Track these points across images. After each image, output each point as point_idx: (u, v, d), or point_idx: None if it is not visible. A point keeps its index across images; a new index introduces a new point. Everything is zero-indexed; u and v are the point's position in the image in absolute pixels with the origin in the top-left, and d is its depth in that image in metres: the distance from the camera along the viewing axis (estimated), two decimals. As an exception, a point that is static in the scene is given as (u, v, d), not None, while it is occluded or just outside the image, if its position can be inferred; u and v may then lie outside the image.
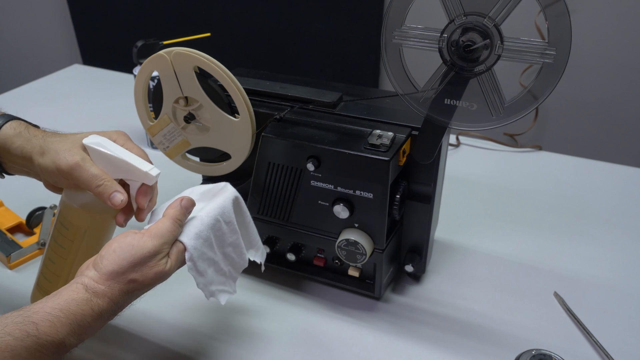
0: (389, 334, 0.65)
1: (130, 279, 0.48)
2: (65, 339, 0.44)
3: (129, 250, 0.48)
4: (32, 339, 0.42)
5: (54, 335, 0.43)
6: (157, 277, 0.50)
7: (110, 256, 0.48)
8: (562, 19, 0.48)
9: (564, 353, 0.59)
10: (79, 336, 0.45)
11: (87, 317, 0.45)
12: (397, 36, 0.55)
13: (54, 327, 0.44)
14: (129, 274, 0.48)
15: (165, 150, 0.72)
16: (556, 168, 1.00)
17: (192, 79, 0.65)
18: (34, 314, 0.44)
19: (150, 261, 0.49)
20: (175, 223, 0.52)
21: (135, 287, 0.49)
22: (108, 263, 0.48)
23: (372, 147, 0.59)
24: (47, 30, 2.31)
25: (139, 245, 0.49)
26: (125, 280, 0.48)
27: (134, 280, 0.48)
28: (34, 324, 0.43)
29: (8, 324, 0.43)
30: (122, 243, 0.49)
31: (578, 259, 0.77)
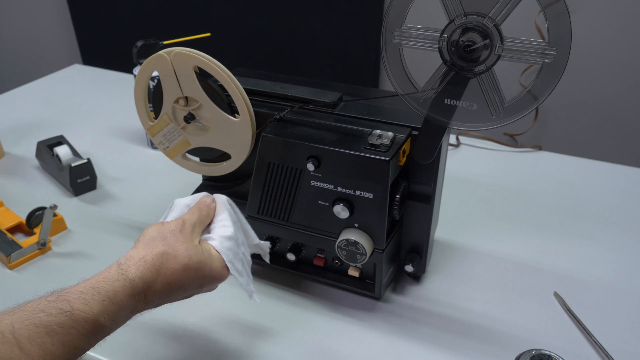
0: (389, 334, 0.65)
1: (162, 251, 0.50)
2: (99, 317, 0.45)
3: (157, 227, 0.53)
4: (65, 315, 0.43)
5: (87, 312, 0.44)
6: (189, 251, 0.51)
7: (142, 235, 0.53)
8: (562, 19, 0.48)
9: (564, 353, 0.59)
10: (112, 315, 0.46)
11: (119, 293, 0.46)
12: (397, 36, 0.55)
13: (87, 304, 0.44)
14: (161, 245, 0.51)
15: (165, 150, 0.72)
16: (556, 168, 1.00)
17: (192, 79, 0.65)
18: (67, 292, 0.45)
19: (180, 233, 0.52)
20: (197, 207, 0.57)
21: (170, 261, 0.50)
22: (143, 237, 0.52)
23: (372, 147, 0.59)
24: (47, 30, 2.30)
25: (167, 224, 0.54)
26: (157, 251, 0.50)
27: (166, 253, 0.50)
28: (67, 301, 0.44)
29: (41, 302, 0.44)
30: (150, 226, 0.54)
31: (578, 259, 0.77)
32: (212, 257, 0.54)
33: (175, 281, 0.50)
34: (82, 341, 0.44)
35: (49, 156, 0.94)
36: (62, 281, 0.72)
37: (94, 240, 0.81)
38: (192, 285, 0.53)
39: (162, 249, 0.50)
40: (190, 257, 0.51)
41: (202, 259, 0.52)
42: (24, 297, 0.69)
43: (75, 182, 0.90)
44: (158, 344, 0.63)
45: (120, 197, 0.91)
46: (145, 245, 0.51)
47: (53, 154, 0.94)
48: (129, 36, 1.33)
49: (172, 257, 0.50)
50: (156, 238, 0.52)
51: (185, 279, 0.51)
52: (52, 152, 0.94)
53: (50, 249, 0.78)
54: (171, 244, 0.51)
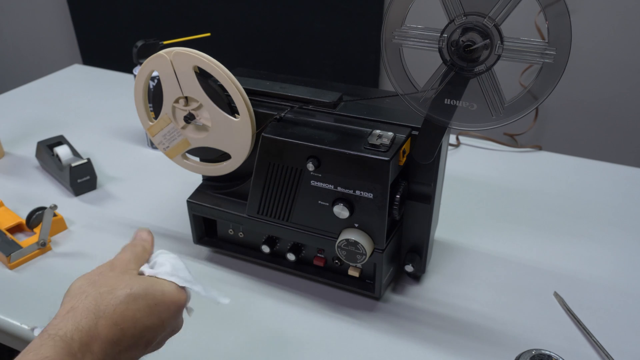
0: (389, 334, 0.65)
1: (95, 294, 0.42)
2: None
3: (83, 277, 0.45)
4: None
5: None
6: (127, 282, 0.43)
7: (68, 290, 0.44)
8: (562, 19, 0.48)
9: (564, 353, 0.59)
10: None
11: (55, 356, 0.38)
12: (397, 36, 0.55)
13: None
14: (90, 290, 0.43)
15: (165, 150, 0.72)
16: (556, 168, 1.00)
17: (192, 79, 0.65)
18: None
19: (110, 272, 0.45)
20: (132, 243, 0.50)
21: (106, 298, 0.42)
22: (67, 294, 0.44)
23: (372, 147, 0.59)
24: (47, 30, 2.30)
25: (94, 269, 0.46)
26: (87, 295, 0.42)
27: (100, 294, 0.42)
28: None
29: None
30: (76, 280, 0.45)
31: (578, 259, 0.77)
32: (158, 282, 0.45)
33: (123, 318, 0.41)
34: None
35: (49, 156, 0.94)
36: (62, 281, 0.73)
37: (94, 240, 0.81)
38: (149, 320, 0.43)
39: (93, 292, 0.42)
40: (130, 286, 0.43)
41: (147, 284, 0.44)
42: (23, 297, 0.70)
43: (75, 182, 0.90)
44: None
45: (120, 197, 0.91)
46: (72, 297, 0.42)
47: (53, 154, 0.94)
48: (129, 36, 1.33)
49: (107, 293, 0.42)
50: (83, 285, 0.43)
51: (135, 312, 0.42)
52: (52, 152, 0.94)
53: (50, 249, 0.78)
54: (103, 283, 0.43)
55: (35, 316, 0.67)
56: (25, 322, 0.66)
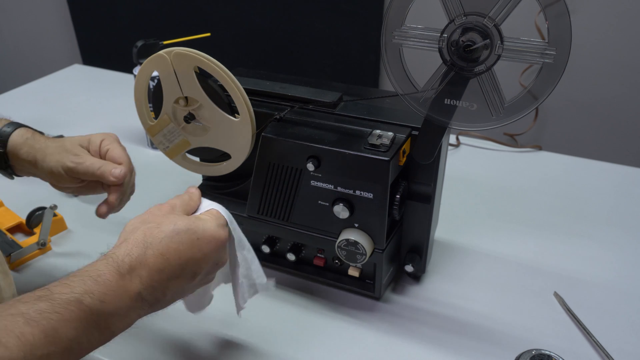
0: (389, 334, 0.65)
1: (144, 227, 0.48)
2: (83, 297, 0.41)
3: (137, 217, 0.51)
4: (44, 301, 0.39)
5: (67, 292, 0.40)
6: (172, 219, 0.49)
7: (124, 228, 0.50)
8: (562, 19, 0.48)
9: (564, 353, 0.59)
10: (101, 296, 0.42)
11: (103, 272, 0.43)
12: (397, 36, 0.55)
13: (67, 286, 0.41)
14: (140, 225, 0.48)
15: (165, 150, 0.72)
16: (556, 168, 1.00)
17: (192, 79, 0.65)
18: (47, 286, 0.42)
19: (159, 210, 0.51)
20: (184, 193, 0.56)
21: (153, 231, 0.47)
22: (123, 231, 0.49)
23: (372, 147, 0.59)
24: (47, 30, 2.30)
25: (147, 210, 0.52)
26: (137, 229, 0.48)
27: (148, 228, 0.47)
28: (46, 289, 0.41)
29: (23, 295, 0.40)
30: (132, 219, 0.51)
31: (578, 259, 0.77)
32: (200, 219, 0.50)
33: (167, 249, 0.46)
34: (69, 329, 0.39)
35: (49, 156, 0.94)
36: (62, 281, 0.73)
37: (94, 240, 0.81)
38: (191, 252, 0.48)
39: (143, 227, 0.48)
40: (174, 222, 0.48)
41: (190, 221, 0.49)
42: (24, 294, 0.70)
43: (75, 182, 0.90)
44: (156, 348, 0.63)
45: (120, 197, 0.91)
46: (126, 233, 0.49)
47: (53, 154, 0.94)
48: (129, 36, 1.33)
49: (154, 227, 0.47)
50: (135, 223, 0.49)
51: (178, 244, 0.47)
52: (52, 152, 0.94)
53: (50, 249, 0.78)
54: (152, 220, 0.49)
55: (35, 316, 0.67)
56: (25, 322, 0.66)
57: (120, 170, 0.62)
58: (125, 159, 0.65)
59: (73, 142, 0.65)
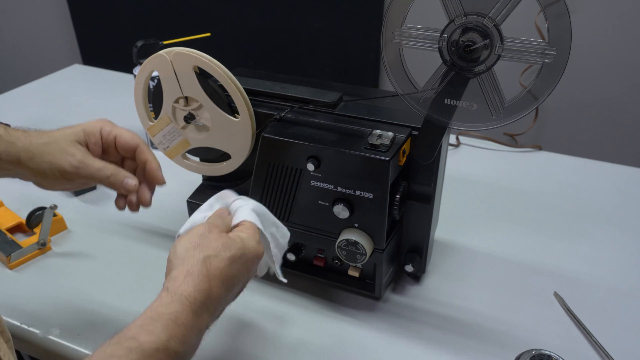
0: (389, 334, 0.65)
1: (203, 257, 0.47)
2: (169, 343, 0.42)
3: (185, 238, 0.50)
4: (136, 353, 0.40)
5: (156, 341, 0.42)
6: (229, 242, 0.49)
7: (173, 254, 0.49)
8: (562, 19, 0.48)
9: (564, 353, 0.59)
10: (182, 338, 0.43)
11: (180, 314, 0.44)
12: (397, 36, 0.55)
13: (152, 333, 0.42)
14: (197, 253, 0.48)
15: (165, 150, 0.72)
16: (556, 168, 1.00)
17: (192, 79, 0.65)
18: (128, 330, 0.42)
19: (210, 234, 0.50)
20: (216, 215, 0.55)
21: (215, 262, 0.47)
22: (174, 257, 0.48)
23: (372, 147, 0.59)
24: (47, 30, 2.30)
25: (192, 230, 0.51)
26: (198, 260, 0.47)
27: (208, 257, 0.47)
28: (132, 339, 0.41)
29: (107, 347, 0.41)
30: (177, 242, 0.50)
31: (578, 259, 0.77)
32: (244, 239, 0.51)
33: (228, 278, 0.48)
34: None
35: (49, 156, 0.94)
36: (62, 281, 0.73)
37: (94, 240, 0.81)
38: (242, 274, 0.51)
39: (201, 255, 0.47)
40: (229, 248, 0.49)
41: (239, 245, 0.50)
42: (24, 297, 0.70)
43: (75, 182, 0.90)
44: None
45: (120, 197, 0.91)
46: (182, 260, 0.48)
47: (53, 154, 0.94)
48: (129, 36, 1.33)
49: (214, 257, 0.48)
50: (189, 249, 0.48)
51: (235, 271, 0.49)
52: (52, 152, 0.94)
53: (50, 249, 0.78)
54: (207, 246, 0.48)
55: (35, 316, 0.67)
56: (25, 322, 0.66)
57: (134, 182, 0.60)
58: (137, 139, 0.62)
59: (67, 139, 0.59)
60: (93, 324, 0.66)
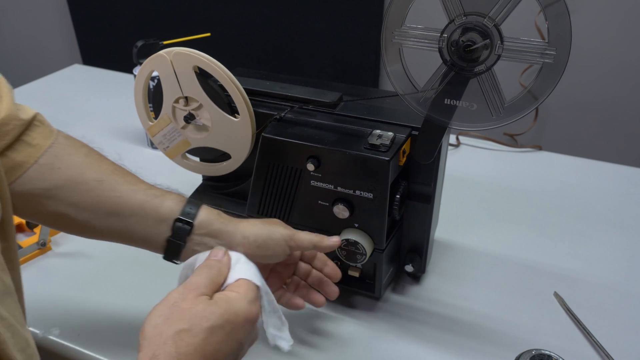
0: (389, 334, 0.65)
1: (173, 333, 0.40)
2: None
3: (154, 309, 0.43)
4: None
5: None
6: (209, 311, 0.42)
7: (142, 329, 0.42)
8: (562, 19, 0.48)
9: (564, 353, 0.59)
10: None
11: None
12: (397, 36, 0.55)
13: None
14: (167, 328, 0.40)
15: (165, 150, 0.72)
16: (556, 168, 1.00)
17: (192, 79, 0.65)
18: None
19: (183, 302, 0.42)
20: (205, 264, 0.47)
21: (188, 339, 0.40)
22: (143, 336, 0.41)
23: (372, 147, 0.59)
24: (47, 30, 2.30)
25: (166, 297, 0.43)
26: (167, 337, 0.40)
27: (179, 332, 0.40)
28: None
29: None
30: (148, 314, 0.43)
31: (578, 259, 0.77)
32: (231, 300, 0.44)
33: (204, 354, 0.40)
34: None
35: (49, 156, 0.94)
36: (62, 281, 0.73)
37: (94, 240, 0.80)
38: (228, 346, 0.42)
39: (170, 330, 0.40)
40: (207, 317, 0.41)
41: (222, 310, 0.42)
42: (24, 297, 0.69)
43: (75, 182, 0.90)
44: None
45: (120, 197, 0.91)
46: (149, 341, 0.40)
47: (53, 154, 0.94)
48: (129, 36, 1.33)
49: (186, 332, 0.40)
50: (158, 325, 0.41)
51: (215, 344, 0.41)
52: (52, 152, 0.94)
53: (50, 249, 0.78)
54: (178, 318, 0.41)
55: (35, 316, 0.67)
56: (25, 322, 0.66)
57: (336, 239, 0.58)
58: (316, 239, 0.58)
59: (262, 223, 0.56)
60: (93, 324, 0.66)
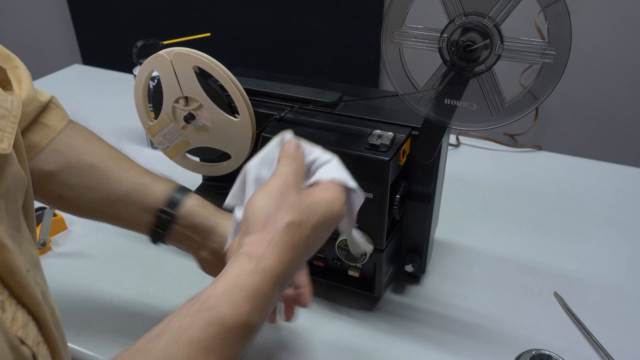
0: (389, 334, 0.65)
1: (287, 223, 0.43)
2: (250, 317, 0.40)
3: (263, 194, 0.45)
4: (215, 326, 0.38)
5: (237, 315, 0.39)
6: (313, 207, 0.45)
7: (252, 213, 0.44)
8: (562, 19, 0.48)
9: (564, 353, 0.59)
10: (261, 311, 0.41)
11: (262, 286, 0.41)
12: (397, 36, 0.55)
13: (234, 305, 0.39)
14: (280, 217, 0.43)
15: (165, 150, 0.72)
16: (556, 168, 1.00)
17: (192, 79, 0.65)
18: (208, 297, 0.40)
19: (290, 192, 0.45)
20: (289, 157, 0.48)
21: (299, 231, 0.44)
22: (255, 220, 0.44)
23: (372, 147, 0.59)
24: (47, 30, 2.31)
25: (270, 184, 0.45)
26: (281, 226, 0.43)
27: (292, 223, 0.43)
28: (212, 309, 0.39)
29: (185, 317, 0.39)
30: (253, 198, 0.45)
31: (578, 259, 0.77)
32: (329, 202, 0.46)
33: (310, 245, 0.45)
34: (239, 349, 0.40)
35: (49, 156, 0.94)
36: (62, 281, 0.73)
37: (94, 240, 0.81)
38: (322, 240, 0.47)
39: (284, 220, 0.43)
40: (313, 215, 0.45)
41: (323, 209, 0.46)
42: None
43: (75, 182, 0.90)
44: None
45: (120, 197, 0.91)
46: (264, 225, 0.43)
47: (53, 154, 0.94)
48: (129, 36, 1.33)
49: (297, 225, 0.44)
50: (271, 212, 0.44)
51: (317, 236, 0.46)
52: (52, 152, 0.94)
53: (50, 249, 0.78)
54: (289, 209, 0.44)
55: (35, 316, 0.67)
56: (25, 322, 0.66)
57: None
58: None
59: None
60: (93, 324, 0.66)
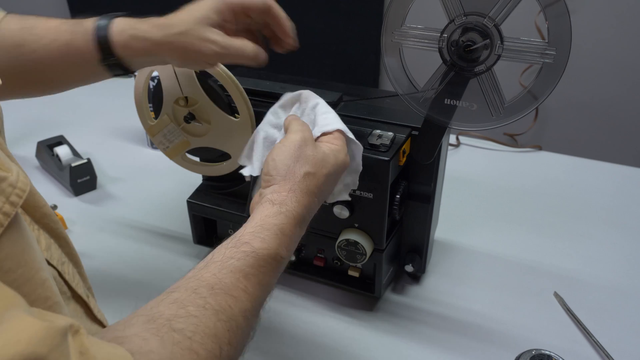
0: (389, 334, 0.65)
1: (304, 173, 0.50)
2: (279, 250, 0.46)
3: (282, 150, 0.52)
4: (252, 257, 0.44)
5: (268, 248, 0.45)
6: (325, 159, 0.52)
7: (273, 166, 0.51)
8: (562, 19, 0.48)
9: (564, 353, 0.59)
10: (287, 246, 0.48)
11: (286, 226, 0.47)
12: (397, 36, 0.55)
13: (265, 241, 0.46)
14: (298, 169, 0.50)
15: (165, 150, 0.72)
16: (556, 168, 1.00)
17: (192, 79, 0.65)
18: (242, 236, 0.46)
19: (306, 147, 0.52)
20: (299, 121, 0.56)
21: (314, 180, 0.51)
22: (275, 172, 0.51)
23: (372, 147, 0.59)
24: (47, 30, 2.30)
25: (288, 141, 0.52)
26: (299, 176, 0.50)
27: (308, 174, 0.50)
28: (246, 244, 0.45)
29: (225, 251, 0.44)
30: (274, 151, 0.52)
31: (578, 259, 0.77)
32: (336, 154, 0.53)
33: (324, 191, 0.53)
34: (271, 277, 0.46)
35: (48, 156, 0.94)
36: (62, 281, 0.73)
37: (94, 240, 0.81)
38: (333, 186, 0.55)
39: (302, 170, 0.50)
40: (325, 165, 0.52)
41: (333, 161, 0.53)
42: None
43: (75, 182, 0.90)
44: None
45: (120, 197, 0.91)
46: (284, 176, 0.50)
47: (53, 154, 0.94)
48: (129, 36, 1.33)
49: (312, 175, 0.51)
50: (290, 165, 0.51)
51: (329, 184, 0.53)
52: (52, 152, 0.94)
53: (50, 249, 0.78)
54: (305, 161, 0.51)
55: (35, 316, 0.67)
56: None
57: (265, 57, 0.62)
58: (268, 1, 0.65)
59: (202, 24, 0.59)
60: (93, 324, 0.66)
